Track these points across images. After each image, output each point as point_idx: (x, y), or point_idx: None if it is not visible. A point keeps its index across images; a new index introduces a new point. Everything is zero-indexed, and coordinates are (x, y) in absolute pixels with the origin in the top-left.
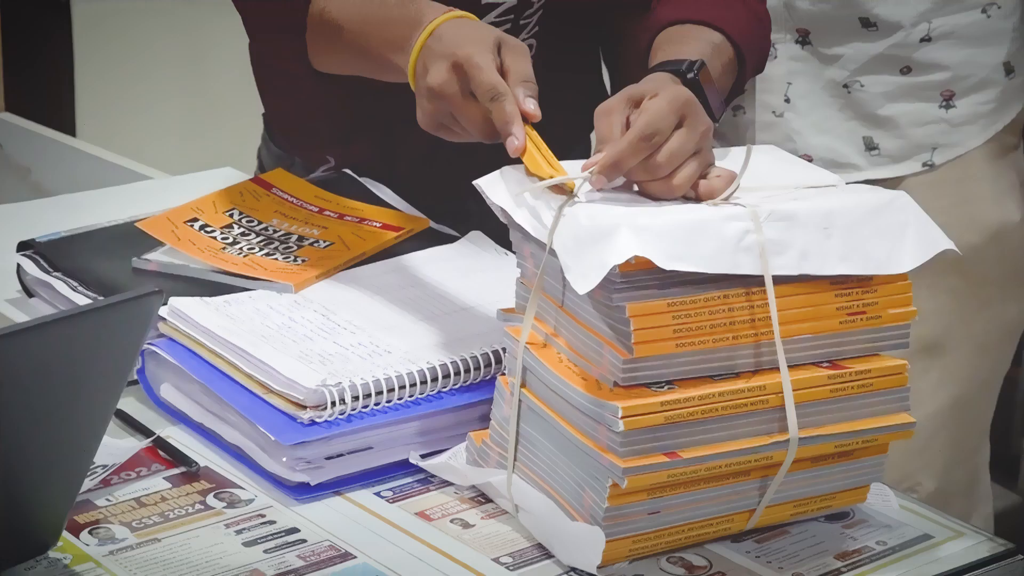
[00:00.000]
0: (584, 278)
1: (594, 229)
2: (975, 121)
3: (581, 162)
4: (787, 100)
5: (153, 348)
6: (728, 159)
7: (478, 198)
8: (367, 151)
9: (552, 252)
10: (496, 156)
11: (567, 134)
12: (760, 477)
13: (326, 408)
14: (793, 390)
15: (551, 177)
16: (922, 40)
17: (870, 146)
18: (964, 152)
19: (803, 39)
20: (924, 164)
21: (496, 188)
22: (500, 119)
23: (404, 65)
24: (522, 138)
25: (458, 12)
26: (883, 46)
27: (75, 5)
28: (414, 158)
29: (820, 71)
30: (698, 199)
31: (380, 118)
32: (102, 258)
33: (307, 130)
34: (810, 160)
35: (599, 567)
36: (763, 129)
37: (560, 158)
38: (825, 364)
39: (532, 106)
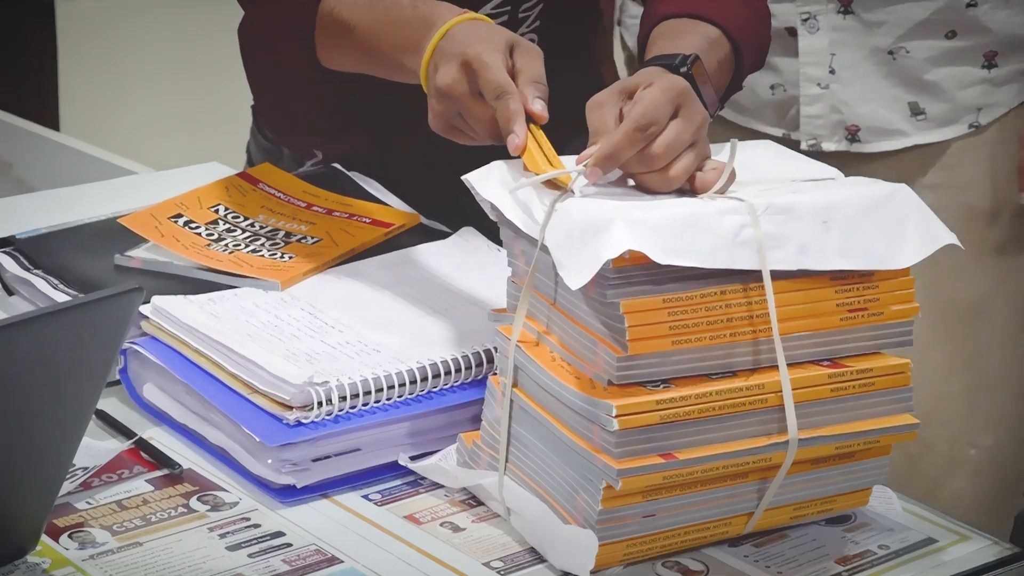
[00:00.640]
0: (577, 274)
1: (587, 224)
2: (1017, 79)
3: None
4: (832, 71)
5: (136, 347)
6: (722, 155)
7: (471, 194)
8: (358, 144)
9: (544, 248)
10: (493, 152)
11: (566, 126)
12: (758, 479)
13: (313, 408)
14: (792, 389)
15: (546, 178)
16: (968, 5)
17: (916, 111)
18: (1007, 111)
19: (845, 8)
20: (970, 126)
21: (486, 183)
22: (503, 116)
23: (416, 67)
24: (523, 136)
25: (472, 14)
26: (929, 10)
27: None
28: (407, 152)
29: (864, 39)
30: (694, 192)
31: (373, 110)
32: (84, 255)
33: (297, 120)
34: (857, 131)
35: (592, 572)
36: (808, 103)
37: (559, 152)
38: (825, 362)
39: (539, 107)
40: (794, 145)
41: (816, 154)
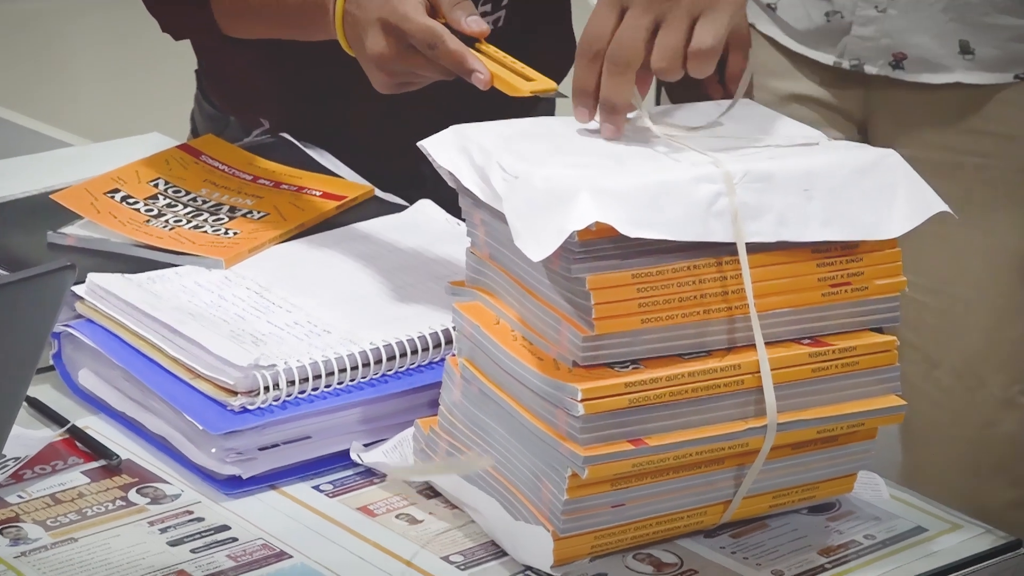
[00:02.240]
0: (538, 244)
1: (550, 193)
2: None
3: None
4: None
5: (70, 330)
6: (700, 111)
7: (431, 163)
8: (308, 111)
9: (504, 218)
10: (453, 117)
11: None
12: (735, 466)
13: (259, 394)
14: (771, 370)
15: (532, 93)
16: None
17: (966, 50)
18: None
19: None
20: (1016, 76)
21: (444, 150)
22: (450, 61)
23: (332, 35)
24: (484, 70)
25: None
26: None
27: None
28: (361, 119)
29: None
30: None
31: (324, 73)
32: (15, 233)
33: (243, 86)
34: (903, 58)
35: (558, 565)
36: (862, 23)
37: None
38: (806, 341)
39: (475, 24)
40: (843, 73)
41: (857, 75)
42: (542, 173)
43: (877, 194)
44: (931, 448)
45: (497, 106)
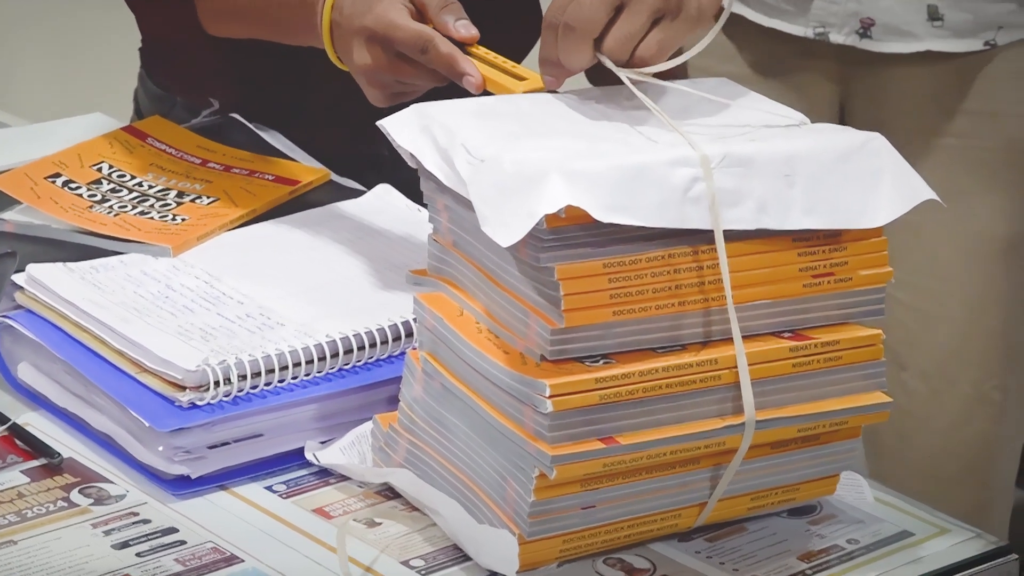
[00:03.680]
0: (506, 229)
1: (519, 176)
2: None
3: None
4: None
5: (9, 322)
6: (675, 89)
7: (391, 145)
8: (260, 90)
9: (469, 204)
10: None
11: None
12: (711, 466)
13: (208, 389)
14: (749, 365)
15: (524, 92)
16: None
17: (934, 16)
18: None
19: None
20: (986, 43)
21: (404, 130)
22: (441, 65)
23: (319, 44)
24: (476, 73)
25: None
26: None
27: None
28: (317, 98)
29: None
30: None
31: (278, 50)
32: None
33: (191, 64)
34: (871, 24)
35: (521, 571)
36: None
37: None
38: (786, 334)
39: (464, 29)
40: (817, 46)
41: (822, 45)
42: (510, 156)
43: (862, 180)
44: (894, 457)
45: (435, 89)
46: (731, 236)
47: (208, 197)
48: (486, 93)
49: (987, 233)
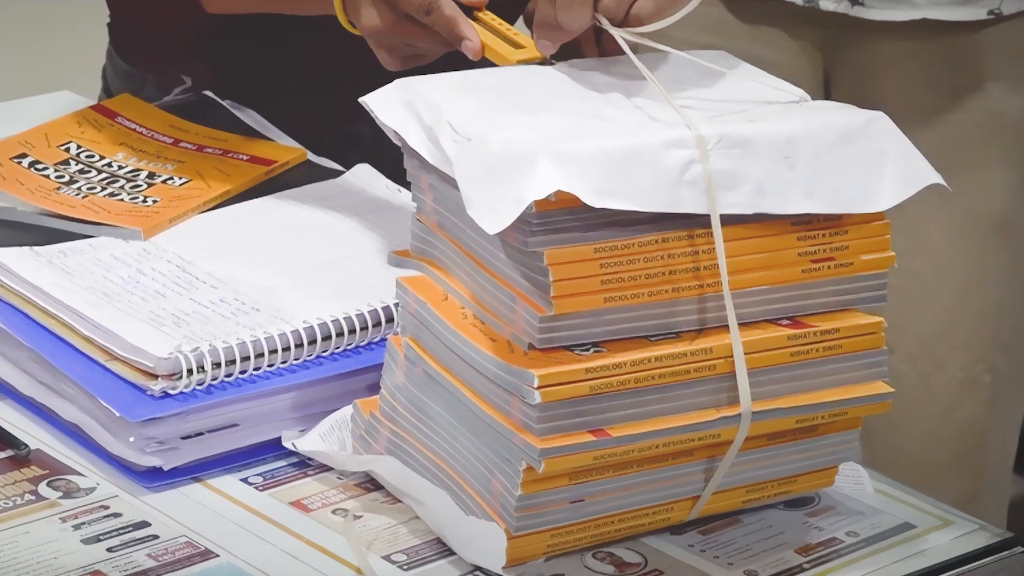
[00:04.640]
0: (493, 214)
1: (507, 157)
2: None
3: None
4: None
5: None
6: (670, 62)
7: (373, 122)
8: (234, 67)
9: (455, 183)
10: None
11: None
12: (706, 458)
13: (181, 377)
14: (745, 354)
15: (519, 62)
16: None
17: None
18: None
19: None
20: (990, 12)
21: (388, 106)
22: (443, 27)
23: (329, 10)
24: (475, 38)
25: None
26: None
27: None
28: (294, 74)
29: None
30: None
31: (254, 24)
32: None
33: (162, 39)
34: None
35: (508, 567)
36: None
37: None
38: (784, 322)
39: None
40: (800, 19)
41: (811, 13)
42: (498, 135)
43: (864, 162)
44: (884, 444)
45: (448, 56)
46: (728, 219)
47: (180, 178)
48: (486, 61)
49: (976, 212)
